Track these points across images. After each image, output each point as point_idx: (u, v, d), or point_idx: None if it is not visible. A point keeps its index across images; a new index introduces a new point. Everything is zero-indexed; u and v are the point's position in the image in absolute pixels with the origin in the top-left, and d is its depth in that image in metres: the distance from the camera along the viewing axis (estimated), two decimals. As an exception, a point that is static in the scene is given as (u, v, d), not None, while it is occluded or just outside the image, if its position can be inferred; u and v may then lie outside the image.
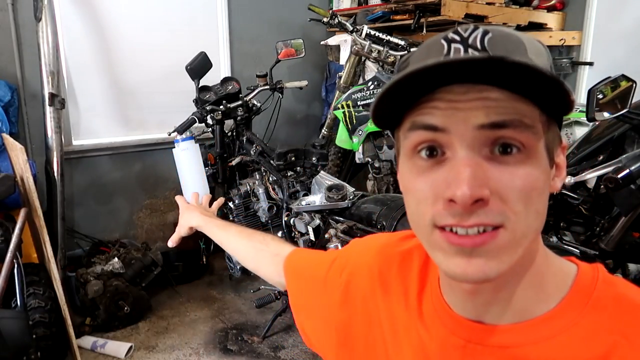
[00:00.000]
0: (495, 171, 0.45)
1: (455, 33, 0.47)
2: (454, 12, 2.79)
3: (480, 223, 0.45)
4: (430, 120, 0.47)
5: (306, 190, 2.36)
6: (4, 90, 2.66)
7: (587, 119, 1.57)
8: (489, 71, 0.43)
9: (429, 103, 0.47)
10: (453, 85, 0.45)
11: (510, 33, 0.48)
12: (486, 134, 0.45)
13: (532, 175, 0.46)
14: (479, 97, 0.45)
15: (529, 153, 0.46)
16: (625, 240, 1.66)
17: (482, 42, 0.46)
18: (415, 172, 0.49)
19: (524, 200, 0.46)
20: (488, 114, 0.45)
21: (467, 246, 0.46)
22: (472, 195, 0.44)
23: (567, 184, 1.78)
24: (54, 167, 2.68)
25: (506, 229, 0.46)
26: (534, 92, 0.45)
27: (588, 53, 3.38)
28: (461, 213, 0.45)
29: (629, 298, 0.51)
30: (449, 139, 0.46)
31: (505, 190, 0.45)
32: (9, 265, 1.94)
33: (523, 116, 0.45)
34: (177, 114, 2.82)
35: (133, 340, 2.55)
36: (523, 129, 0.45)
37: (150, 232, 3.46)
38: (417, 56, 0.51)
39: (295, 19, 3.61)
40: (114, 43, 3.15)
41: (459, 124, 0.46)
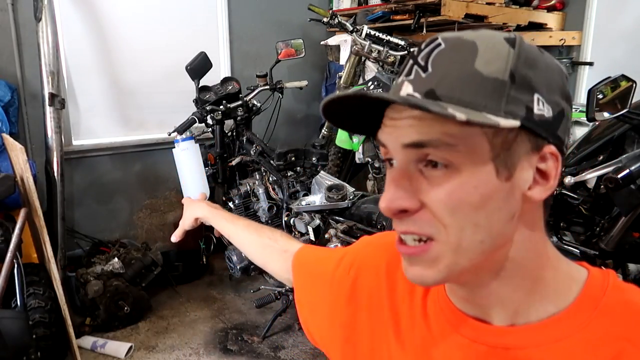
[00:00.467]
0: (424, 184, 0.49)
1: (420, 45, 0.51)
2: (454, 12, 2.79)
3: (409, 231, 0.50)
4: (380, 135, 0.53)
5: (306, 190, 2.36)
6: (4, 90, 2.66)
7: (587, 119, 1.57)
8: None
9: (384, 119, 0.52)
10: (394, 104, 0.49)
11: (465, 42, 0.48)
12: (412, 151, 0.49)
13: (460, 190, 0.47)
14: (409, 116, 0.48)
15: (456, 169, 0.47)
16: (625, 240, 1.66)
17: (428, 55, 0.49)
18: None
19: (452, 213, 0.47)
20: (410, 134, 0.48)
21: (406, 255, 0.52)
22: (389, 207, 0.49)
23: (567, 184, 1.77)
24: (54, 167, 2.68)
25: (437, 241, 0.49)
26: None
27: (588, 53, 3.38)
28: (394, 220, 0.51)
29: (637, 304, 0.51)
30: (391, 154, 0.52)
31: (434, 203, 0.48)
32: (9, 265, 1.94)
33: (447, 136, 0.46)
34: (177, 114, 2.82)
35: (133, 340, 2.55)
36: (444, 147, 0.47)
37: (150, 232, 3.46)
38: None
39: (295, 19, 3.61)
40: (114, 43, 3.15)
41: (393, 142, 0.50)
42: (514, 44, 0.48)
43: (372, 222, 1.80)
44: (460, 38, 0.49)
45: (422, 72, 0.48)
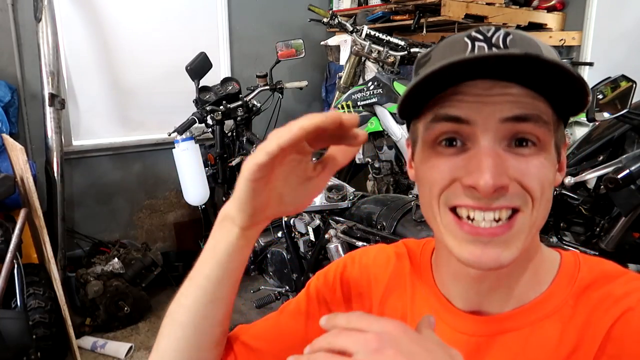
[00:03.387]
0: (513, 161, 0.48)
1: (478, 32, 0.50)
2: (454, 13, 2.79)
3: (501, 206, 0.48)
4: (455, 112, 0.49)
5: (306, 191, 2.36)
6: (4, 91, 2.66)
7: (587, 119, 1.57)
8: (515, 69, 0.46)
9: (454, 96, 0.49)
10: (477, 80, 0.48)
11: (527, 35, 0.51)
12: (508, 127, 0.48)
13: (545, 167, 0.50)
14: (502, 93, 0.48)
15: (542, 147, 0.49)
16: (625, 241, 1.66)
17: (504, 41, 0.49)
18: (435, 159, 0.52)
19: (540, 188, 0.49)
20: (512, 108, 0.48)
21: (484, 237, 0.49)
22: (495, 184, 0.46)
23: (567, 184, 1.77)
24: (54, 167, 2.68)
25: (523, 212, 0.49)
26: (551, 92, 0.48)
27: (588, 53, 3.38)
28: (480, 198, 0.48)
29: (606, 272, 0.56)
30: (472, 131, 0.49)
31: (524, 178, 0.48)
32: (9, 266, 1.94)
33: (541, 112, 0.49)
34: (177, 114, 2.82)
35: (133, 341, 2.55)
36: (541, 124, 0.49)
37: (150, 232, 3.46)
38: (440, 52, 0.52)
39: (295, 19, 3.61)
40: (114, 43, 3.15)
41: (484, 117, 0.48)
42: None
43: (372, 222, 1.80)
44: (520, 32, 0.51)
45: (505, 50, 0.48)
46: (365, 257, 0.70)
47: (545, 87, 0.48)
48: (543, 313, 0.54)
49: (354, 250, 0.75)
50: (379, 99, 2.74)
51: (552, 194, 0.52)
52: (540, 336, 0.54)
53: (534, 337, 0.54)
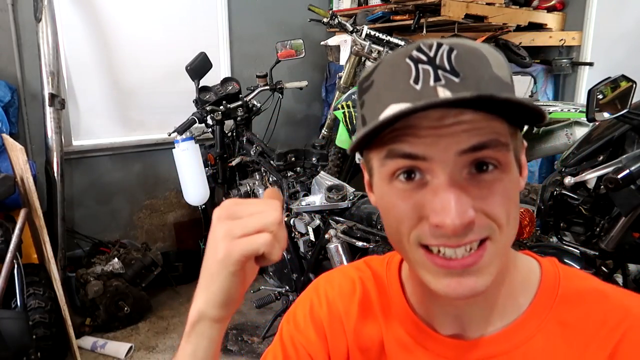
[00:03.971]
0: (475, 190, 0.47)
1: (420, 52, 0.46)
2: (454, 13, 2.79)
3: (470, 241, 0.47)
4: (409, 149, 0.47)
5: (306, 191, 2.36)
6: (4, 91, 2.66)
7: (587, 119, 1.57)
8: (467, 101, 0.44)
9: (406, 130, 0.47)
10: (428, 111, 0.45)
11: (474, 47, 0.48)
12: (467, 157, 0.47)
13: (508, 189, 0.48)
14: (456, 122, 0.46)
15: (503, 169, 0.48)
16: (626, 241, 1.66)
17: (449, 61, 0.46)
18: (396, 196, 0.50)
19: (505, 213, 0.48)
20: (468, 138, 0.46)
21: (456, 268, 0.48)
22: (462, 223, 0.45)
23: (567, 184, 1.77)
24: (54, 167, 2.68)
25: (492, 240, 0.48)
26: (507, 112, 0.47)
27: (588, 53, 3.38)
28: (449, 236, 0.47)
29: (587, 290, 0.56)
30: (429, 166, 0.47)
31: (488, 207, 0.47)
32: (9, 266, 1.94)
33: (499, 135, 0.47)
34: (177, 114, 2.82)
35: (133, 341, 2.55)
36: (500, 147, 0.47)
37: (150, 232, 3.46)
38: (382, 77, 0.50)
39: (295, 19, 3.61)
40: (114, 43, 3.15)
41: (441, 152, 0.46)
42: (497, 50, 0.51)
43: (372, 222, 1.80)
44: (465, 44, 0.48)
45: (453, 76, 0.45)
46: (330, 289, 0.68)
47: (498, 108, 0.46)
48: (528, 333, 0.54)
49: (317, 279, 0.72)
50: (379, 99, 2.73)
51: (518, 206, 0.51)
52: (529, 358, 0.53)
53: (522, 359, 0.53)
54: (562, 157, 1.91)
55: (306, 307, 0.68)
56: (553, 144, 2.40)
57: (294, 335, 0.65)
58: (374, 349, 0.62)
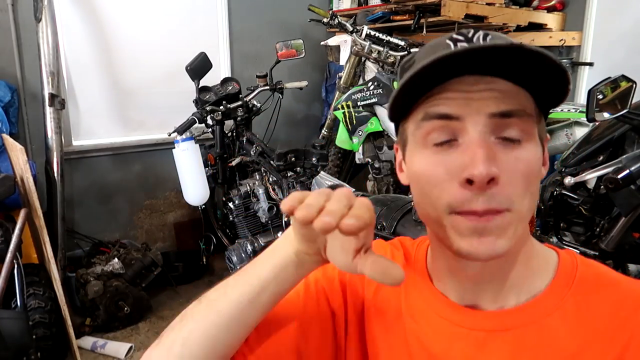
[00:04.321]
0: (502, 154, 0.50)
1: (459, 34, 0.52)
2: (454, 13, 2.79)
3: (491, 208, 0.49)
4: (444, 109, 0.51)
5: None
6: (4, 91, 2.66)
7: (587, 119, 1.57)
8: (498, 63, 0.48)
9: (441, 94, 0.51)
10: (464, 76, 0.50)
11: (504, 36, 0.54)
12: (496, 121, 0.50)
13: (532, 160, 0.51)
14: (488, 88, 0.50)
15: (529, 140, 0.51)
16: (626, 241, 1.66)
17: (484, 40, 0.51)
18: (429, 158, 0.53)
19: (526, 183, 0.51)
20: (498, 104, 0.50)
21: (480, 223, 0.50)
22: (488, 173, 0.48)
23: (567, 184, 1.77)
24: (54, 167, 2.68)
25: (511, 211, 0.50)
26: (533, 85, 0.51)
27: (588, 53, 3.38)
28: (476, 194, 0.49)
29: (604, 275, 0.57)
30: (462, 126, 0.51)
31: (511, 173, 0.50)
32: (9, 266, 1.94)
33: (525, 106, 0.51)
34: (177, 114, 2.82)
35: (133, 341, 2.55)
36: (526, 117, 0.51)
37: (150, 232, 3.46)
38: (423, 55, 0.53)
39: (295, 19, 3.61)
40: (114, 43, 3.15)
41: (473, 112, 0.50)
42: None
43: (372, 222, 1.80)
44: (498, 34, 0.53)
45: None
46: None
47: (527, 80, 0.50)
48: (545, 310, 0.55)
49: None
50: (379, 99, 2.74)
51: (539, 185, 0.54)
52: (543, 334, 0.54)
53: (536, 335, 0.54)
54: (562, 157, 1.91)
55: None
56: (553, 144, 2.41)
57: (318, 279, 0.67)
58: (391, 312, 0.63)
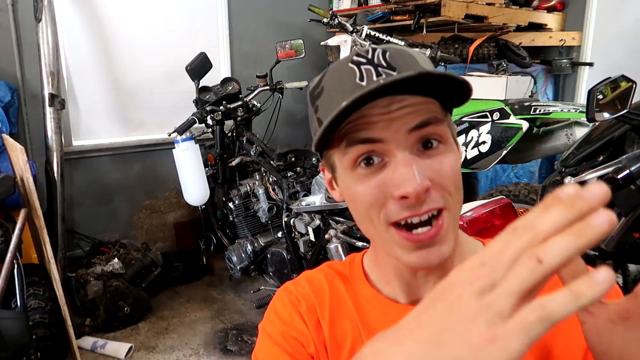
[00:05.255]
0: (428, 162, 0.55)
1: (359, 56, 0.56)
2: (454, 13, 2.79)
3: (430, 209, 0.54)
4: (366, 134, 0.55)
5: (306, 191, 2.36)
6: (4, 91, 2.66)
7: (587, 119, 1.57)
8: (406, 85, 0.52)
9: (360, 119, 0.55)
10: (376, 100, 0.54)
11: (402, 49, 0.57)
12: (415, 134, 0.54)
13: (453, 160, 0.57)
14: (401, 106, 0.54)
15: (446, 142, 0.57)
16: (626, 241, 1.66)
17: (385, 59, 0.55)
18: (360, 181, 0.57)
19: (454, 182, 0.56)
20: (413, 118, 0.54)
21: (425, 241, 0.55)
22: (422, 187, 0.52)
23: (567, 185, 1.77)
24: (54, 167, 2.68)
25: (448, 210, 0.56)
26: (437, 94, 0.56)
27: (588, 53, 3.38)
28: (413, 205, 0.54)
29: None
30: (386, 147, 0.55)
31: (439, 177, 0.55)
32: (9, 266, 1.94)
33: (436, 113, 0.56)
34: (177, 114, 2.83)
35: (133, 341, 2.55)
36: (439, 123, 0.56)
37: (150, 232, 3.46)
38: (330, 81, 0.58)
39: (295, 19, 3.61)
40: (114, 43, 3.15)
41: (394, 132, 0.54)
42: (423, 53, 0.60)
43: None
44: (394, 47, 0.57)
45: (391, 71, 0.54)
46: (300, 288, 0.71)
47: (431, 91, 0.55)
48: None
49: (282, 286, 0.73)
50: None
51: (461, 181, 0.58)
52: None
53: None
54: (562, 157, 1.91)
55: (286, 304, 0.70)
56: (553, 144, 2.40)
57: (283, 330, 0.67)
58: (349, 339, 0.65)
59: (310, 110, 0.61)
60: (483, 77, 2.72)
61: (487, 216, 1.41)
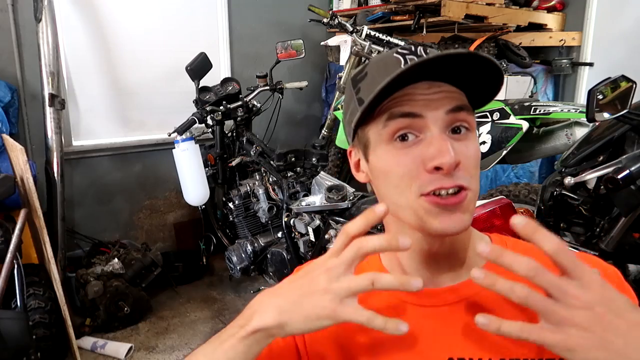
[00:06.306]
0: (456, 145, 0.60)
1: (404, 49, 0.62)
2: (454, 13, 2.79)
3: (457, 185, 0.59)
4: (408, 109, 0.60)
5: (306, 191, 2.36)
6: (4, 91, 2.66)
7: (587, 119, 1.57)
8: (444, 71, 0.59)
9: (403, 97, 0.61)
10: (417, 83, 0.60)
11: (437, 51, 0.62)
12: (450, 116, 0.60)
13: (476, 147, 0.63)
14: (439, 90, 0.61)
15: (472, 130, 0.63)
16: (626, 241, 1.66)
17: (425, 52, 0.61)
18: (396, 153, 0.62)
19: (475, 166, 0.62)
20: (450, 101, 0.61)
21: (450, 205, 0.59)
22: (456, 159, 0.58)
23: (567, 185, 1.77)
24: (54, 167, 2.68)
25: (470, 189, 0.61)
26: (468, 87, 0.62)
27: (588, 54, 3.38)
28: (443, 177, 0.59)
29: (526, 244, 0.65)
30: (424, 123, 0.60)
31: (466, 159, 0.60)
32: (9, 266, 1.94)
33: (467, 102, 0.63)
34: (177, 114, 2.82)
35: (133, 341, 2.55)
36: (470, 112, 0.63)
37: (150, 232, 3.46)
38: (375, 67, 0.64)
39: (295, 19, 3.61)
40: (114, 43, 3.15)
41: (433, 110, 0.60)
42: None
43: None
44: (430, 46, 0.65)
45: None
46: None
47: (463, 83, 0.61)
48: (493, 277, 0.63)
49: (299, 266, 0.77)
50: (379, 99, 2.73)
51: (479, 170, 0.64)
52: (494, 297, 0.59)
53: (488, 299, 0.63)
54: (562, 157, 1.91)
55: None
56: (553, 144, 2.40)
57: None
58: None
59: (348, 94, 0.67)
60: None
61: (487, 216, 1.41)
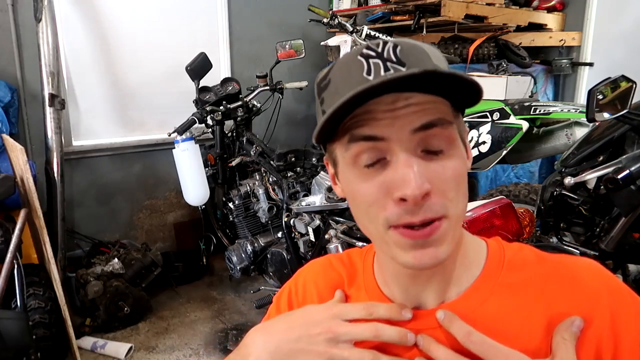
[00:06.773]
0: (430, 166, 0.52)
1: (369, 49, 0.53)
2: (454, 13, 2.79)
3: (427, 218, 0.52)
4: (369, 131, 0.53)
5: (306, 191, 2.36)
6: (4, 91, 2.66)
7: (587, 119, 1.57)
8: (414, 82, 0.49)
9: (364, 115, 0.52)
10: (381, 96, 0.51)
11: (415, 44, 0.54)
12: (419, 135, 0.52)
13: (457, 165, 0.54)
14: (407, 104, 0.52)
15: (452, 146, 0.54)
16: (625, 241, 1.66)
17: (395, 54, 0.52)
18: (361, 179, 0.55)
19: (456, 188, 0.54)
20: (419, 117, 0.52)
21: (419, 239, 0.53)
22: (421, 191, 0.50)
23: (567, 185, 1.77)
24: (54, 167, 2.68)
25: (448, 217, 0.53)
26: (449, 93, 0.53)
27: (588, 54, 3.38)
28: (412, 209, 0.52)
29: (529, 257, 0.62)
30: (388, 146, 0.52)
31: (441, 182, 0.53)
32: (9, 266, 1.94)
33: (444, 114, 0.53)
34: (177, 114, 2.83)
35: (133, 341, 2.55)
36: (446, 125, 0.53)
37: (150, 232, 3.46)
38: (338, 74, 0.55)
39: (295, 19, 3.61)
40: (114, 43, 3.15)
41: (397, 132, 0.52)
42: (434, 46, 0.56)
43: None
44: (407, 41, 0.53)
45: (400, 66, 0.51)
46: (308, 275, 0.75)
47: (441, 90, 0.52)
48: (482, 297, 0.59)
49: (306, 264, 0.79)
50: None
51: (467, 182, 0.56)
52: (485, 318, 0.57)
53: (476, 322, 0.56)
54: (562, 157, 1.91)
55: (286, 292, 0.76)
56: (553, 144, 2.41)
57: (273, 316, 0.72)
58: None
59: (317, 102, 0.59)
60: (483, 77, 2.72)
61: (487, 216, 1.41)
